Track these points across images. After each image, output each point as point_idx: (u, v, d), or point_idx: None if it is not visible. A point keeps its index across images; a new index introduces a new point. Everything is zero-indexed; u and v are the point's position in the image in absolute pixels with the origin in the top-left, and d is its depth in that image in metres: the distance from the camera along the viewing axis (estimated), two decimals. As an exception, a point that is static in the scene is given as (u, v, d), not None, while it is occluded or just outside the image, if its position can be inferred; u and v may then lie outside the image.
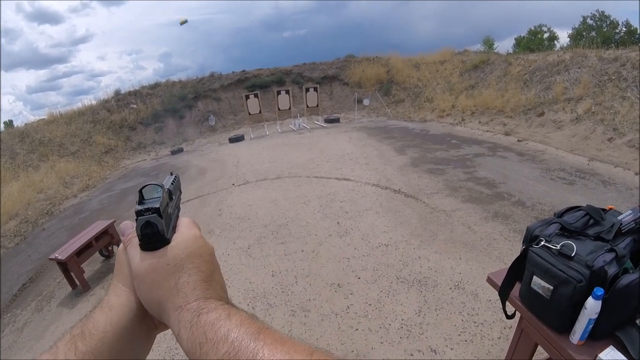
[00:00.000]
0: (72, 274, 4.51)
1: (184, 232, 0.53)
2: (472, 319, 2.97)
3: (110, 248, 5.29)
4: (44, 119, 15.00)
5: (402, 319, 3.07)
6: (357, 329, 3.03)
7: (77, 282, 4.55)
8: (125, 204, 7.81)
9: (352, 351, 2.81)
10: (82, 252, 4.60)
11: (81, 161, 12.36)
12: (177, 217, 0.59)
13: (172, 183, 0.60)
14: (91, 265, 5.08)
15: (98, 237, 4.90)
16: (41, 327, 4.02)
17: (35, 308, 4.46)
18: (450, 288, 3.37)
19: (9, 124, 18.25)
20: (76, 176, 11.04)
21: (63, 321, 4.02)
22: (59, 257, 4.32)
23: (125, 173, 11.32)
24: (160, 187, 0.53)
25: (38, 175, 10.52)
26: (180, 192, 0.68)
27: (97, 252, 5.07)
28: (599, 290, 1.20)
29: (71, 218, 7.76)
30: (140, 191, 0.51)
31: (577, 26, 30.32)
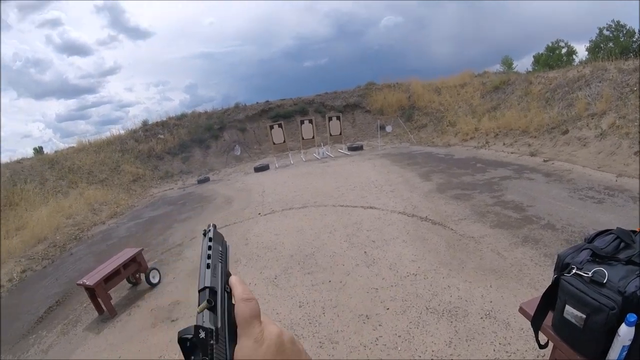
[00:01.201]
0: (99, 299, 4.58)
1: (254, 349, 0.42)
2: (504, 348, 2.89)
3: (137, 276, 5.32)
4: (73, 147, 15.62)
5: (433, 351, 3.00)
6: (387, 361, 2.98)
7: (104, 308, 4.61)
8: (152, 232, 7.97)
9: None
10: (110, 278, 4.68)
11: (109, 189, 12.76)
12: (230, 313, 0.46)
13: (218, 278, 0.48)
14: (118, 291, 5.17)
15: (126, 265, 4.97)
16: (66, 351, 4.09)
17: (61, 331, 4.56)
18: (481, 317, 3.29)
19: (38, 150, 19.02)
20: (104, 203, 11.39)
21: (88, 345, 4.09)
22: (87, 283, 4.40)
23: (152, 201, 11.61)
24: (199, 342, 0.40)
25: (67, 201, 10.92)
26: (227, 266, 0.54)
27: (125, 279, 5.14)
28: (632, 317, 1.18)
29: (99, 244, 7.97)
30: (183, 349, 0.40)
31: (594, 39, 30.05)
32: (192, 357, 0.39)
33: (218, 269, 0.49)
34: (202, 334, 0.40)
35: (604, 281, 1.30)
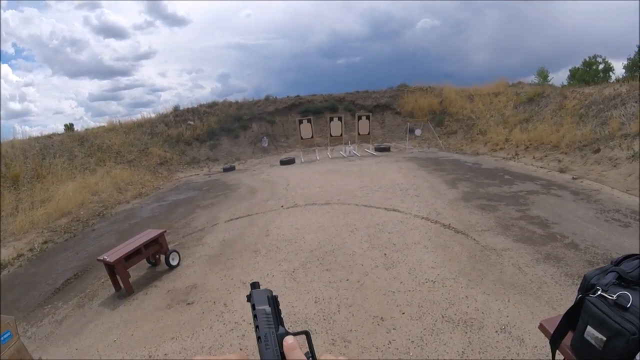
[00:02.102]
0: (118, 276, 4.69)
1: None
2: (517, 364, 2.86)
3: (157, 256, 5.45)
4: (104, 126, 16.06)
5: None
6: (398, 365, 2.98)
7: (122, 285, 4.72)
8: (175, 215, 8.15)
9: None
10: (131, 257, 4.79)
11: (136, 170, 13.14)
12: None
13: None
14: (137, 270, 5.30)
15: (147, 245, 5.07)
16: (80, 323, 4.21)
17: (76, 304, 4.71)
18: (496, 331, 3.27)
19: (69, 127, 19.56)
20: (130, 183, 11.75)
21: (103, 320, 4.19)
22: (108, 259, 4.51)
23: (177, 185, 11.88)
24: None
25: (94, 179, 11.26)
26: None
27: (145, 259, 5.24)
28: (653, 345, 1.17)
29: (122, 222, 8.19)
30: None
31: (632, 56, 28.93)
32: None
33: (269, 337, 0.53)
34: None
35: (628, 305, 1.29)
